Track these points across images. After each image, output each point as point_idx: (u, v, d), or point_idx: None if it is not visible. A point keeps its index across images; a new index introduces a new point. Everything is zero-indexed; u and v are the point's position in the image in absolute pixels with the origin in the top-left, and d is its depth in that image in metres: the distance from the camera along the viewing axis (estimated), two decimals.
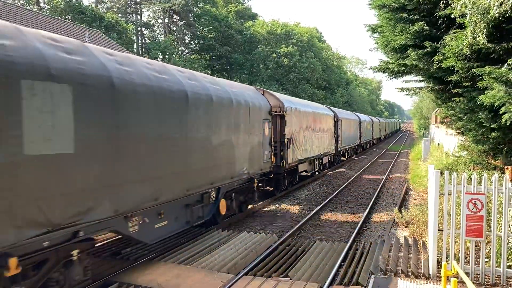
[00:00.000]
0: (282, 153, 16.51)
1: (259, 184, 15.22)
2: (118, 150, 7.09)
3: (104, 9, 55.21)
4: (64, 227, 6.01)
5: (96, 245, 8.09)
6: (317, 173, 23.23)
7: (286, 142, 16.62)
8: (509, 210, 7.23)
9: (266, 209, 15.32)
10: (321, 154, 23.23)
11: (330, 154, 25.94)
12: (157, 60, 53.82)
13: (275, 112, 16.03)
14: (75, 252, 6.51)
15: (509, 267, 7.13)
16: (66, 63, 6.10)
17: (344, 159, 33.49)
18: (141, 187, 7.65)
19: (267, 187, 16.94)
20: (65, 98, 6.00)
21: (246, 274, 8.02)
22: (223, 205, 11.58)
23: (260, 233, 11.01)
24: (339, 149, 29.37)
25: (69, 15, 41.18)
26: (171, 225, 9.00)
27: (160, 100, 8.20)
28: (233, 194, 12.48)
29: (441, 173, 7.66)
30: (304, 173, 20.69)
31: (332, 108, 30.68)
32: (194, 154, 9.49)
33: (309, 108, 21.39)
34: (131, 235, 7.66)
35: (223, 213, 11.68)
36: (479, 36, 9.97)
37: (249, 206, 14.54)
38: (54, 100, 5.83)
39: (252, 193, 13.98)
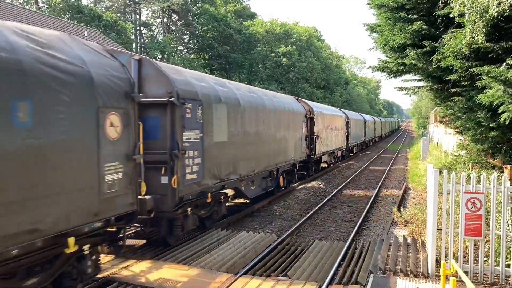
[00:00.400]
0: (312, 146, 21.47)
1: (297, 169, 19.53)
2: (242, 140, 12.51)
3: (102, 8, 55.15)
4: (223, 180, 11.24)
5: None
6: (331, 164, 27.97)
7: (314, 138, 21.66)
8: (508, 209, 7.24)
9: (300, 186, 20.06)
10: (337, 149, 28.44)
11: (343, 149, 31.19)
12: (156, 60, 53.79)
13: (308, 115, 20.97)
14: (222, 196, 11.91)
15: (507, 266, 7.14)
16: (225, 94, 11.67)
17: (352, 154, 37.98)
18: (248, 163, 13.00)
19: (302, 171, 21.47)
20: (224, 112, 11.30)
21: (245, 273, 8.02)
22: (281, 180, 17.09)
23: (259, 233, 11.02)
24: (349, 145, 34.28)
25: (68, 15, 41.14)
26: (257, 189, 14.47)
27: (254, 111, 13.66)
28: (285, 173, 17.59)
29: (440, 172, 7.67)
30: (325, 164, 26.16)
31: (343, 110, 36.47)
32: (269, 144, 14.99)
33: (329, 111, 27.36)
34: (242, 190, 12.94)
35: (282, 185, 17.26)
36: (477, 36, 9.97)
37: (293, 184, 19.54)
38: (221, 113, 11.09)
39: (294, 174, 19.23)
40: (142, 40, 59.18)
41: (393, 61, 15.45)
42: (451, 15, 11.19)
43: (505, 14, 9.24)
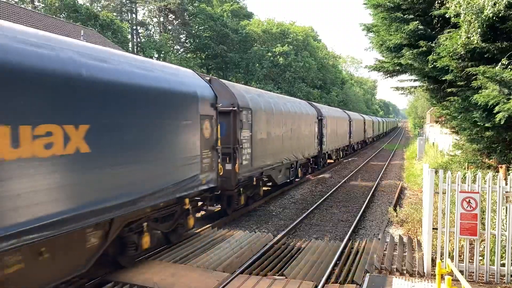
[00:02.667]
0: (322, 144, 25.11)
1: (310, 162, 23.38)
2: (274, 138, 16.18)
3: (99, 7, 54.98)
4: (263, 168, 14.90)
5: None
6: (337, 160, 32.00)
7: (324, 137, 25.47)
8: (503, 209, 7.28)
9: (314, 178, 23.53)
10: (341, 146, 33.38)
11: (345, 146, 36.01)
12: (153, 59, 53.69)
13: (319, 117, 24.45)
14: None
15: (502, 265, 7.18)
16: (263, 102, 15.30)
17: (353, 151, 41.62)
18: (278, 156, 16.63)
19: (314, 165, 24.92)
20: (264, 116, 14.89)
21: (241, 272, 8.02)
22: (299, 171, 20.63)
23: (255, 232, 11.03)
24: (351, 143, 38.37)
25: (64, 14, 41.01)
26: (283, 177, 17.85)
27: (281, 115, 17.24)
28: (301, 166, 21.19)
29: (436, 172, 7.70)
30: (331, 160, 30.46)
31: (347, 111, 40.94)
32: (291, 142, 18.43)
33: (336, 113, 31.74)
34: (273, 177, 16.44)
35: (300, 176, 20.86)
36: (473, 36, 10.03)
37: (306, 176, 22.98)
38: (262, 117, 14.78)
39: (308, 167, 23.40)
40: (138, 40, 59.05)
41: (390, 61, 15.52)
42: (447, 16, 11.24)
43: (501, 14, 9.30)
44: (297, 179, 20.65)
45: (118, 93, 6.94)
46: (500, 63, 9.60)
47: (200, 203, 10.80)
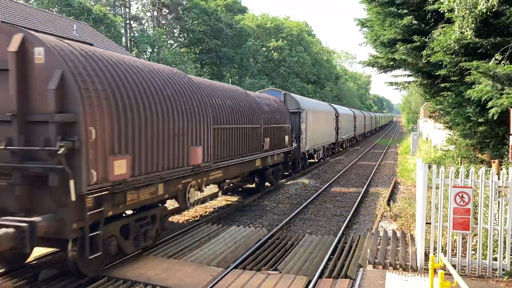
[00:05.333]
0: (338, 134, 34.33)
1: (331, 147, 32.32)
2: (316, 128, 25.08)
3: (92, 1, 54.56)
4: (311, 148, 24.33)
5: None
6: (347, 147, 42.23)
7: (338, 130, 34.35)
8: (495, 203, 7.33)
9: (331, 160, 31.20)
10: (349, 136, 42.12)
11: (351, 137, 43.79)
12: (147, 53, 53.43)
13: (336, 115, 33.03)
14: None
15: (495, 259, 7.23)
16: (309, 104, 24.82)
17: (357, 142, 50.35)
18: (317, 140, 25.48)
19: (333, 150, 33.59)
20: (310, 114, 23.49)
21: (235, 267, 8.03)
22: (325, 153, 29.88)
23: (249, 227, 11.04)
24: (355, 134, 47.46)
25: (57, 8, 40.67)
26: (320, 155, 27.47)
27: (317, 112, 26.02)
28: (326, 149, 29.93)
29: (429, 167, 7.73)
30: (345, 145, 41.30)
31: (352, 109, 51.08)
32: (323, 131, 27.60)
33: (346, 111, 41.17)
34: (314, 155, 26.05)
35: (326, 156, 29.89)
36: (467, 31, 10.05)
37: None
38: (309, 115, 23.24)
39: (330, 150, 32.11)
40: (132, 34, 58.70)
41: (384, 56, 15.53)
42: (440, 11, 11.25)
43: (494, 9, 9.32)
44: (325, 158, 29.96)
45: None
46: (493, 58, 9.63)
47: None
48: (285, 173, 20.00)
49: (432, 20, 13.33)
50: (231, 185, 14.72)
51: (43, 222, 6.17)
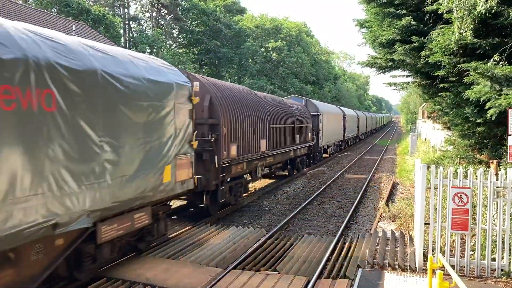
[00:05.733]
0: (345, 133, 38.42)
1: (339, 143, 36.02)
2: (330, 126, 30.28)
3: (91, 2, 54.52)
4: (326, 143, 29.25)
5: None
6: (352, 144, 45.75)
7: (345, 129, 38.47)
8: (494, 204, 7.34)
9: (339, 155, 34.81)
10: (353, 135, 45.86)
11: (354, 136, 47.80)
12: (146, 54, 53.32)
13: (343, 116, 36.98)
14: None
15: (493, 259, 7.25)
16: (325, 108, 30.11)
17: (360, 140, 54.30)
18: (331, 137, 31.03)
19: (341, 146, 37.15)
20: (326, 116, 28.28)
21: (234, 268, 8.03)
22: (335, 149, 34.18)
23: (248, 227, 11.04)
24: (358, 133, 51.66)
25: (55, 8, 40.62)
26: (333, 149, 33.14)
27: (331, 114, 31.24)
28: (334, 146, 33.55)
29: (428, 167, 7.74)
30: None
31: (356, 111, 55.94)
32: (334, 130, 32.78)
33: (351, 112, 45.86)
34: (330, 148, 31.78)
35: (335, 151, 34.26)
36: (465, 32, 10.07)
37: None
38: (325, 116, 28.26)
39: (338, 146, 35.60)
40: (131, 35, 58.66)
41: (382, 56, 15.54)
42: (439, 11, 11.27)
43: (493, 10, 9.34)
44: (335, 153, 34.00)
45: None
46: (492, 59, 9.66)
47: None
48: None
49: (431, 20, 13.36)
50: (274, 168, 19.94)
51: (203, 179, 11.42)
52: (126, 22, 58.88)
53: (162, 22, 59.91)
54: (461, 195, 7.20)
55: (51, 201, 5.73)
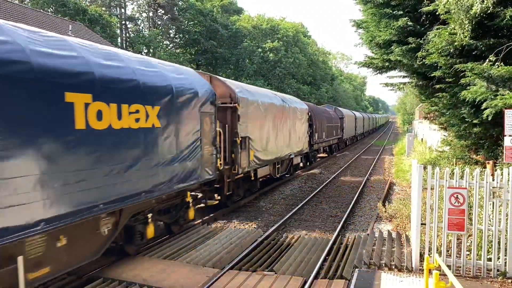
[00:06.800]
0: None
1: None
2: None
3: (87, 2, 54.38)
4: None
5: None
6: (350, 144, 47.40)
7: (343, 129, 39.52)
8: (490, 204, 7.36)
9: (339, 154, 36.15)
10: (351, 135, 46.79)
11: (352, 135, 48.95)
12: (142, 54, 53.28)
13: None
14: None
15: (489, 259, 7.27)
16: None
17: (357, 140, 56.66)
18: (350, 133, 44.31)
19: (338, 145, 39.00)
20: (354, 120, 47.39)
21: (231, 268, 8.03)
22: (350, 141, 47.34)
23: (245, 228, 11.04)
24: (356, 134, 53.04)
25: (52, 8, 40.50)
26: (348, 143, 44.30)
27: (350, 118, 44.72)
28: (348, 140, 43.98)
29: (424, 167, 7.76)
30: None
31: (353, 111, 58.46)
32: (350, 128, 44.46)
33: (350, 113, 47.41)
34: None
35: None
36: (462, 33, 10.10)
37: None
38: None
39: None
40: (127, 35, 58.55)
41: (379, 57, 15.57)
42: (436, 12, 11.30)
43: (489, 11, 9.37)
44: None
45: None
46: (487, 60, 9.69)
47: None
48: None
49: (427, 21, 13.39)
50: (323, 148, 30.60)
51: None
52: (123, 22, 58.77)
53: (159, 22, 59.81)
54: (457, 196, 7.22)
55: None
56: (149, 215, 8.62)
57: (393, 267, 7.76)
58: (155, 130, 8.09)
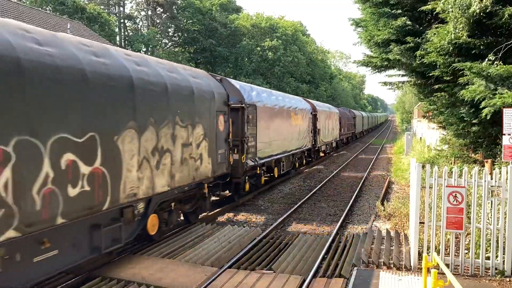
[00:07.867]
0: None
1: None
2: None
3: (86, 0, 54.28)
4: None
5: None
6: (347, 143, 49.68)
7: (363, 124, 57.62)
8: (488, 203, 7.38)
9: (342, 152, 37.69)
10: (349, 134, 48.94)
11: (352, 133, 51.68)
12: (141, 52, 53.18)
13: (361, 117, 57.13)
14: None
15: (487, 258, 7.29)
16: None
17: (356, 139, 58.99)
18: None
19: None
20: (361, 118, 60.26)
21: (230, 267, 8.03)
22: (360, 134, 61.50)
23: (244, 227, 11.04)
24: (355, 132, 56.19)
25: (50, 6, 40.40)
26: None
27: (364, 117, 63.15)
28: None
29: (423, 166, 7.76)
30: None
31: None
32: (359, 125, 59.06)
33: (364, 114, 66.41)
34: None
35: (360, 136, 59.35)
36: (460, 32, 10.10)
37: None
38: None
39: (360, 133, 60.88)
40: (126, 33, 58.46)
41: (378, 56, 15.55)
42: (434, 11, 11.29)
43: (487, 10, 9.37)
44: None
45: None
46: (486, 59, 9.69)
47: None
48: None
49: (426, 20, 13.38)
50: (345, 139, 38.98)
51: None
52: (121, 20, 58.67)
53: (158, 21, 59.74)
54: (456, 194, 7.23)
55: None
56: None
57: (392, 265, 7.77)
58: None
